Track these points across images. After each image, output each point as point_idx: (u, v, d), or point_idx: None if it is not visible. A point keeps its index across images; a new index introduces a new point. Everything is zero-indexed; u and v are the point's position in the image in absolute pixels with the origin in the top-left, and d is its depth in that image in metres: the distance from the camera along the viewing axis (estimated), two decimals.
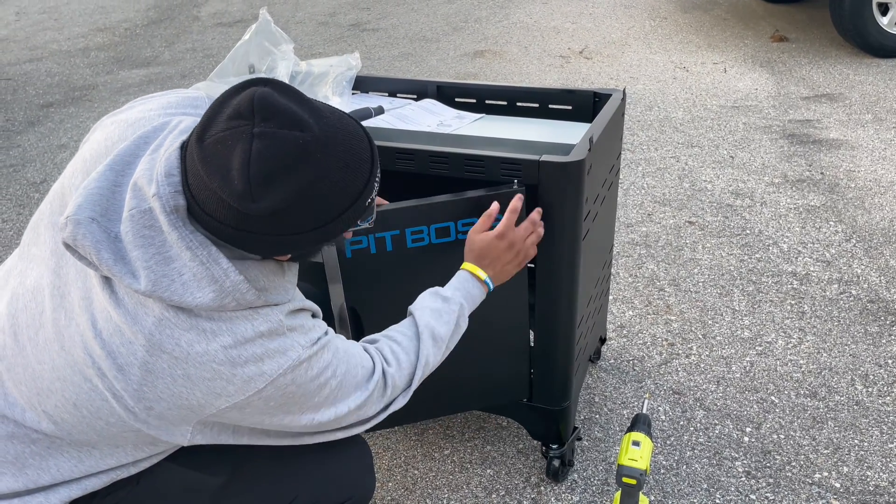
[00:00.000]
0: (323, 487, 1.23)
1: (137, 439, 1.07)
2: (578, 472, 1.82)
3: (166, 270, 0.95)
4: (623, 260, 2.71)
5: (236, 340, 0.99)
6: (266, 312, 1.03)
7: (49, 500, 1.09)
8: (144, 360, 0.98)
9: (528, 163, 1.45)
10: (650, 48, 5.21)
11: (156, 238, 0.96)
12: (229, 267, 0.97)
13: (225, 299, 0.97)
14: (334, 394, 1.11)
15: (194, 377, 0.99)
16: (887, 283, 2.49)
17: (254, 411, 1.05)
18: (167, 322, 0.97)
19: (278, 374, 1.03)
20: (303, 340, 1.06)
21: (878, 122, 3.78)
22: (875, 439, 1.88)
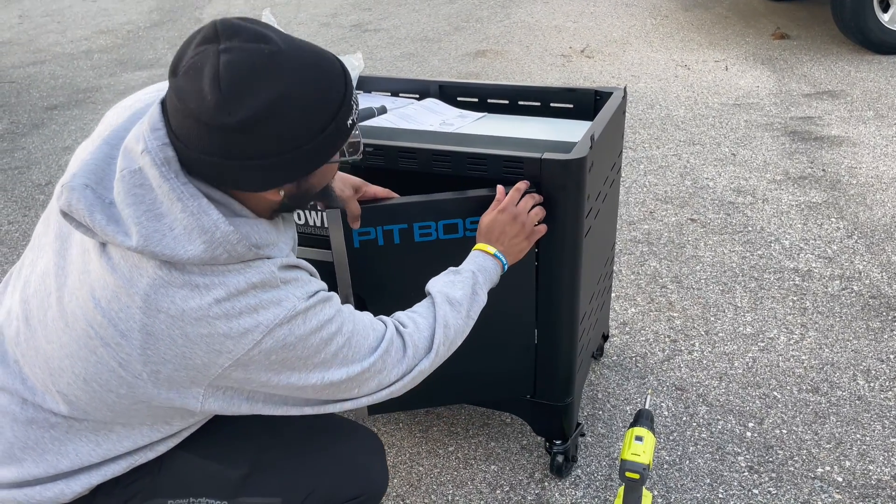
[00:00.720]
0: (339, 482, 1.24)
1: (151, 415, 1.08)
2: (582, 468, 1.84)
3: (157, 226, 0.97)
4: (625, 257, 2.73)
5: (229, 293, 1.00)
6: (258, 265, 1.03)
7: (70, 487, 1.10)
8: (143, 322, 0.99)
9: (531, 161, 1.46)
10: (651, 46, 5.22)
11: (146, 196, 0.98)
12: (219, 218, 0.98)
13: (216, 251, 0.98)
14: (343, 352, 1.10)
15: (192, 335, 0.99)
16: (889, 279, 2.50)
17: (258, 369, 1.04)
18: (161, 281, 0.98)
19: (274, 324, 1.02)
20: (298, 292, 1.06)
21: (880, 118, 3.78)
22: (877, 434, 1.89)
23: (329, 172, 1.11)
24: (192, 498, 1.19)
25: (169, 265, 0.99)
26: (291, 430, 1.27)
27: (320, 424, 1.30)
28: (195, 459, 1.20)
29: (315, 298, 1.08)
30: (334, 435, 1.29)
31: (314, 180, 1.08)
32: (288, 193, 1.06)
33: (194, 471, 1.20)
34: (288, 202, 1.09)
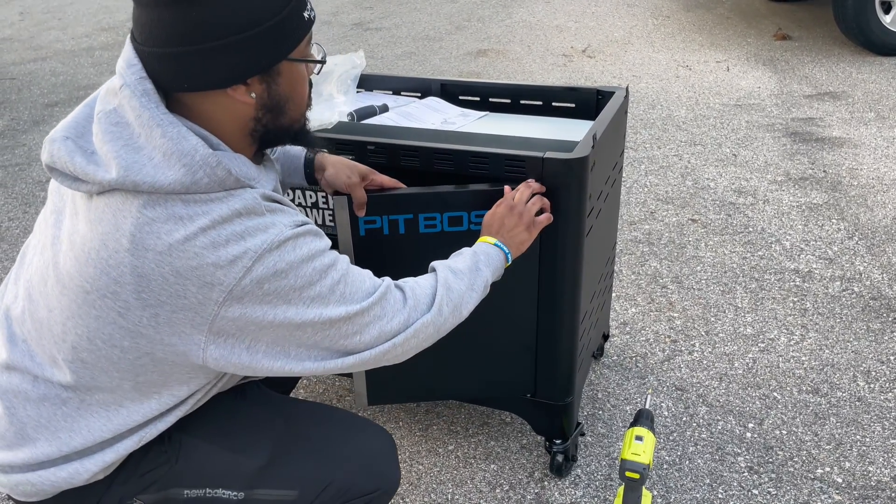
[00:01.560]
0: (356, 476, 1.24)
1: (157, 371, 1.06)
2: (582, 468, 1.84)
3: (137, 157, 0.98)
4: (626, 257, 2.72)
5: (213, 220, 0.99)
6: (241, 193, 1.03)
7: (84, 466, 1.10)
8: (133, 264, 0.99)
9: (533, 159, 1.46)
10: (653, 47, 5.22)
11: (123, 132, 1.00)
12: (199, 143, 0.99)
13: (196, 174, 0.98)
14: (339, 288, 1.08)
15: (182, 269, 0.98)
16: (889, 281, 2.50)
17: (253, 302, 1.01)
18: (145, 219, 0.98)
19: (263, 249, 1.00)
20: (285, 220, 1.05)
21: (881, 120, 3.78)
22: (877, 435, 1.89)
23: (299, 84, 1.09)
24: (208, 489, 1.19)
25: (152, 203, 0.99)
26: (308, 423, 1.27)
27: (336, 419, 1.30)
28: (213, 450, 1.20)
29: (303, 228, 1.06)
30: (350, 430, 1.29)
31: (284, 86, 1.07)
32: (260, 101, 1.05)
33: (212, 461, 1.19)
34: (262, 117, 1.07)
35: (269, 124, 1.10)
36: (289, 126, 1.13)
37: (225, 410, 1.26)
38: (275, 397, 1.35)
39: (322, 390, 2.15)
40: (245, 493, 1.20)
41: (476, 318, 1.61)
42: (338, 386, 2.16)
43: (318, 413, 1.32)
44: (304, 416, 1.29)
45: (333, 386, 2.17)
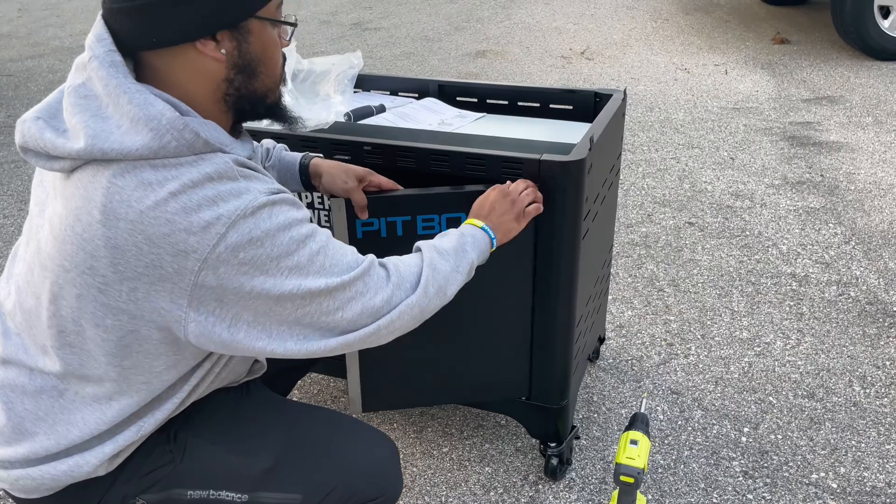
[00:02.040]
0: (359, 482, 1.23)
1: (142, 352, 1.05)
2: (576, 471, 1.83)
3: (104, 125, 0.98)
4: (623, 260, 2.72)
5: (183, 185, 0.97)
6: (211, 157, 1.01)
7: (85, 459, 1.09)
8: (106, 235, 0.97)
9: (530, 161, 1.46)
10: (651, 49, 5.22)
11: (91, 104, 0.99)
12: (165, 107, 0.98)
13: (164, 138, 0.97)
14: (319, 259, 1.05)
15: (154, 237, 0.96)
16: (886, 286, 2.50)
17: (229, 272, 0.99)
18: (115, 188, 0.97)
19: (236, 215, 0.98)
20: (260, 187, 1.02)
21: (879, 124, 3.78)
22: (872, 440, 1.89)
23: (270, 47, 1.07)
24: (212, 490, 1.18)
25: (121, 171, 0.98)
26: (313, 428, 1.27)
27: (340, 424, 1.29)
28: (218, 451, 1.19)
29: (280, 196, 1.03)
30: (355, 435, 1.28)
31: (255, 46, 1.05)
32: (231, 60, 1.04)
33: (216, 463, 1.18)
34: (234, 78, 1.05)
35: (241, 88, 1.07)
36: (263, 94, 1.10)
37: (230, 412, 1.25)
38: (280, 400, 1.34)
39: (317, 391, 2.14)
40: (249, 495, 1.19)
41: (471, 321, 1.60)
42: (332, 387, 2.16)
43: (323, 418, 1.31)
44: (309, 421, 1.28)
45: (328, 387, 2.16)
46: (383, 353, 1.61)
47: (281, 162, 1.49)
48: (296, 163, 1.49)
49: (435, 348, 1.63)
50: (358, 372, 1.63)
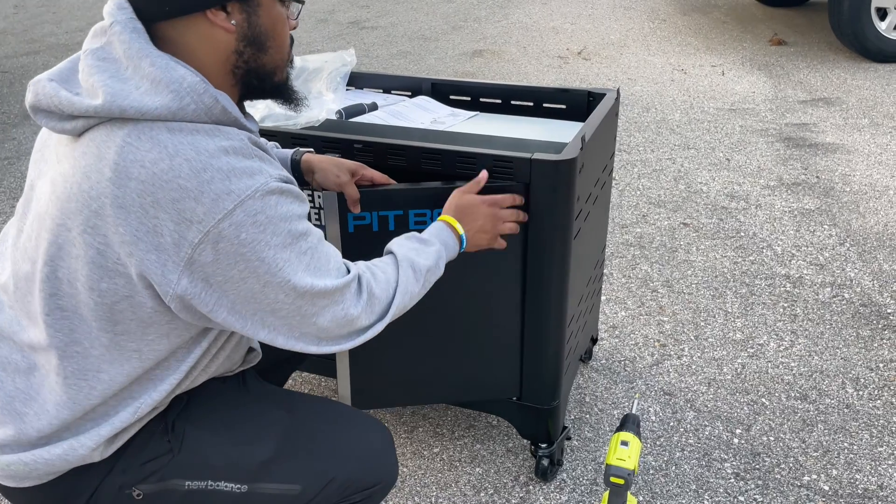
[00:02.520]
0: (357, 471, 1.23)
1: (135, 320, 1.04)
2: (567, 472, 1.82)
3: (123, 86, 0.98)
4: (617, 261, 2.71)
5: (198, 152, 0.98)
6: (229, 130, 1.02)
7: (80, 442, 1.08)
8: (115, 194, 0.97)
9: (520, 161, 1.45)
10: (649, 50, 5.21)
11: (111, 66, 1.00)
12: (186, 71, 0.99)
13: (183, 100, 0.98)
14: (308, 257, 1.05)
15: (162, 201, 0.96)
16: (880, 288, 2.50)
17: (227, 249, 0.98)
18: (129, 147, 0.97)
19: (247, 194, 0.98)
20: (273, 172, 1.03)
21: (875, 126, 3.78)
22: (864, 442, 1.88)
23: (279, 24, 1.09)
24: (210, 481, 1.17)
25: (137, 131, 0.98)
26: (311, 418, 1.26)
27: (337, 413, 1.29)
28: (216, 442, 1.18)
29: (289, 186, 1.04)
30: (351, 424, 1.28)
31: (264, 20, 1.06)
32: (241, 31, 1.05)
33: (215, 454, 1.18)
34: (244, 50, 1.06)
35: (250, 61, 1.08)
36: (271, 70, 1.11)
37: (228, 402, 1.25)
38: (276, 390, 1.34)
39: (307, 390, 2.13)
40: (248, 486, 1.19)
41: (461, 320, 1.59)
42: (324, 386, 2.15)
43: (320, 407, 1.31)
44: (306, 411, 1.28)
45: (319, 387, 2.15)
46: (374, 351, 1.60)
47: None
48: (287, 159, 1.48)
49: (424, 347, 1.62)
50: (348, 370, 1.62)
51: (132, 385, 1.10)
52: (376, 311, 1.17)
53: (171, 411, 1.19)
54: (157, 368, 1.11)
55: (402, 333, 1.60)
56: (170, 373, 1.12)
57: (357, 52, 5.42)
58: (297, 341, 1.10)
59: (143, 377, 1.10)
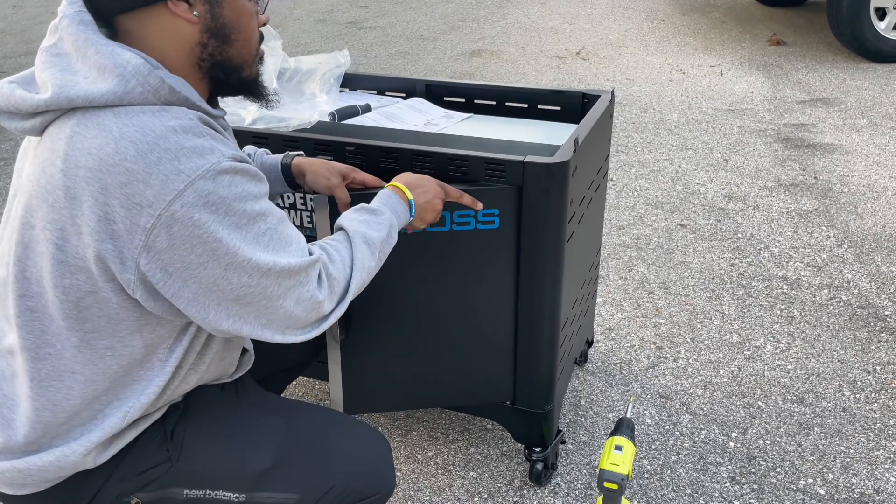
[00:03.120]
0: (356, 480, 1.22)
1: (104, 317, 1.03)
2: (562, 476, 1.81)
3: (72, 77, 0.99)
4: (613, 262, 2.70)
5: (144, 133, 0.96)
6: (176, 110, 1.00)
7: (71, 448, 1.07)
8: (65, 185, 0.96)
9: (513, 163, 1.43)
10: (647, 50, 5.20)
11: (61, 60, 1.01)
12: (131, 55, 0.98)
13: (129, 83, 0.97)
14: (266, 239, 1.03)
15: (111, 186, 0.94)
16: (878, 289, 2.48)
17: (182, 231, 0.96)
18: (77, 136, 0.97)
19: (198, 174, 0.95)
20: (225, 150, 1.00)
21: (874, 126, 3.77)
22: (861, 446, 1.87)
23: (244, 16, 1.07)
24: (209, 490, 1.17)
25: (85, 119, 0.97)
26: (310, 427, 1.25)
27: (336, 422, 1.28)
28: (216, 451, 1.17)
29: (243, 166, 1.01)
30: (350, 433, 1.27)
31: (228, 11, 1.05)
32: (204, 23, 1.03)
33: (214, 463, 1.17)
34: (208, 43, 1.05)
35: (215, 53, 1.06)
36: (238, 64, 1.09)
37: (227, 411, 1.24)
38: (274, 398, 1.33)
39: (301, 393, 2.12)
40: (247, 495, 1.18)
41: (454, 323, 1.58)
42: (317, 389, 2.13)
43: (319, 416, 1.30)
44: (305, 419, 1.27)
45: (313, 390, 2.14)
46: (366, 355, 1.59)
47: (263, 165, 1.47)
48: (277, 164, 1.47)
49: (417, 351, 1.61)
50: (340, 374, 1.61)
51: (116, 388, 1.09)
52: (336, 293, 1.15)
53: (170, 419, 1.18)
54: (141, 369, 1.09)
55: (395, 337, 1.59)
56: (155, 373, 1.11)
57: (355, 53, 5.41)
58: (263, 329, 1.08)
59: (127, 379, 1.09)
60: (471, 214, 1.47)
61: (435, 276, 1.53)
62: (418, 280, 1.53)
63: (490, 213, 1.48)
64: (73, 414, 1.07)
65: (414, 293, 1.55)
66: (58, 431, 1.08)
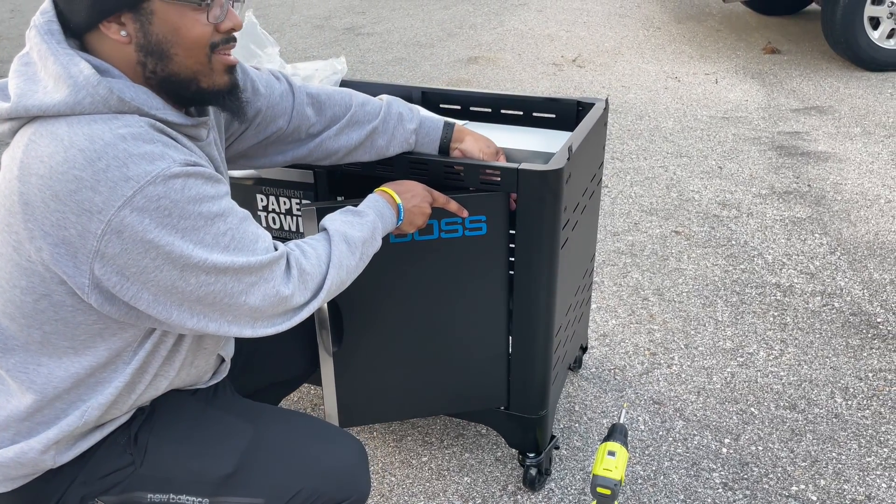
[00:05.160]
0: (325, 484, 1.22)
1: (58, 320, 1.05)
2: (556, 482, 1.82)
3: (32, 86, 1.01)
4: (608, 268, 2.72)
5: (92, 140, 0.97)
6: (127, 118, 1.01)
7: (30, 445, 1.09)
8: (20, 191, 0.99)
9: (508, 171, 1.45)
10: (643, 57, 5.23)
11: (28, 70, 1.03)
12: (86, 66, 1.00)
13: (79, 94, 0.99)
14: (226, 240, 1.04)
15: (61, 194, 0.96)
16: (870, 297, 2.50)
17: (134, 236, 0.97)
18: (32, 144, 0.99)
19: (147, 180, 0.96)
20: (177, 156, 1.01)
21: (867, 135, 3.79)
22: (853, 452, 1.88)
23: (183, 28, 1.03)
24: (172, 494, 1.18)
25: (41, 128, 1.00)
26: (279, 431, 1.26)
27: (307, 427, 1.28)
28: (179, 455, 1.18)
29: (196, 169, 1.01)
30: (321, 438, 1.27)
31: (160, 28, 1.02)
32: (136, 43, 1.03)
33: (177, 467, 1.18)
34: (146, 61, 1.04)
35: (157, 70, 1.05)
36: (188, 77, 1.07)
37: (194, 415, 1.24)
38: (247, 404, 1.33)
39: (296, 398, 2.13)
40: (210, 499, 1.19)
41: (448, 330, 1.59)
42: (313, 394, 2.14)
43: (290, 420, 1.30)
44: (275, 424, 1.27)
45: (308, 394, 2.14)
46: (360, 367, 1.60)
47: (423, 125, 1.50)
48: (439, 125, 1.51)
49: (412, 359, 1.62)
50: (334, 387, 1.61)
51: (79, 387, 1.11)
52: (310, 287, 1.15)
53: (135, 423, 1.19)
54: (105, 371, 1.11)
55: (389, 347, 1.60)
56: (116, 375, 1.12)
57: (352, 59, 5.43)
58: (230, 325, 1.08)
59: (90, 379, 1.11)
60: (458, 222, 1.48)
61: (425, 284, 1.54)
62: (409, 289, 1.54)
63: (477, 220, 1.49)
64: (34, 411, 1.09)
65: (406, 302, 1.56)
66: (19, 428, 1.10)
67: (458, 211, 1.45)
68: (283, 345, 1.52)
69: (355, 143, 1.44)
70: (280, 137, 1.40)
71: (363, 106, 1.45)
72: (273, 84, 1.37)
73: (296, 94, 1.39)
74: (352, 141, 1.44)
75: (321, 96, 1.42)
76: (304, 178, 1.63)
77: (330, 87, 1.46)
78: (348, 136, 1.43)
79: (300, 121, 1.39)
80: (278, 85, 1.38)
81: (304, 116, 1.40)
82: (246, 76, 1.32)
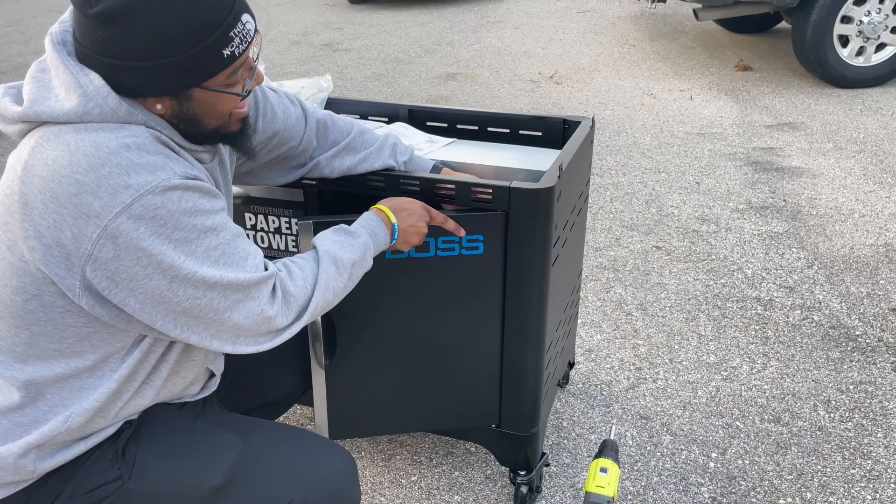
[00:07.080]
0: (314, 497, 1.21)
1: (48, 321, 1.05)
2: (546, 499, 1.81)
3: (45, 93, 1.04)
4: (591, 284, 2.73)
5: (98, 148, 1.00)
6: (134, 129, 1.04)
7: (9, 451, 1.09)
8: (21, 191, 1.01)
9: (499, 189, 1.45)
10: (619, 74, 5.30)
11: (44, 76, 1.06)
12: (97, 77, 1.03)
13: (89, 104, 1.02)
14: (217, 254, 1.06)
15: (61, 196, 0.98)
16: (848, 310, 2.54)
17: (128, 243, 0.99)
18: (39, 147, 1.02)
19: (146, 189, 0.99)
20: (177, 168, 1.04)
21: (839, 150, 3.88)
22: (837, 465, 1.91)
23: (216, 106, 1.10)
24: None
25: (49, 133, 1.02)
26: (268, 444, 1.25)
27: (296, 439, 1.28)
28: (167, 469, 1.17)
29: (195, 183, 1.05)
30: (310, 450, 1.27)
31: (195, 107, 1.08)
32: (170, 112, 1.08)
33: (165, 481, 1.16)
34: (177, 124, 1.10)
35: (186, 130, 1.12)
36: (213, 130, 1.14)
37: (182, 429, 1.23)
38: (236, 418, 1.32)
39: (282, 418, 2.10)
40: None
41: (440, 347, 1.59)
42: (299, 414, 2.12)
43: (279, 432, 1.29)
44: (264, 436, 1.27)
45: (295, 414, 2.12)
46: (351, 380, 1.59)
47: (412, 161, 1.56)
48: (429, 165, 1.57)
49: (403, 375, 1.61)
50: (325, 399, 1.60)
51: (63, 391, 1.10)
52: (294, 309, 1.16)
53: (122, 437, 1.18)
54: (91, 376, 1.11)
55: (381, 362, 1.59)
56: (102, 382, 1.12)
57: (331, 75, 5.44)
58: (211, 340, 1.10)
59: (76, 383, 1.10)
60: (455, 240, 1.49)
61: (420, 301, 1.54)
62: (404, 305, 1.54)
63: (475, 239, 1.50)
64: (14, 408, 1.09)
65: (400, 318, 1.55)
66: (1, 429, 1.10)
67: (456, 230, 1.45)
68: (275, 364, 1.51)
69: (347, 167, 1.50)
70: (287, 159, 1.46)
71: (362, 134, 1.51)
72: (289, 108, 1.43)
73: (308, 119, 1.46)
74: (344, 165, 1.50)
75: (327, 122, 1.49)
76: (292, 196, 1.63)
77: (336, 115, 1.52)
78: (341, 161, 1.50)
79: (307, 144, 1.46)
80: (293, 109, 1.43)
81: (312, 141, 1.46)
82: (266, 100, 1.37)
